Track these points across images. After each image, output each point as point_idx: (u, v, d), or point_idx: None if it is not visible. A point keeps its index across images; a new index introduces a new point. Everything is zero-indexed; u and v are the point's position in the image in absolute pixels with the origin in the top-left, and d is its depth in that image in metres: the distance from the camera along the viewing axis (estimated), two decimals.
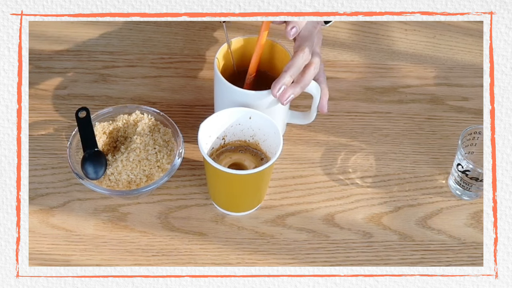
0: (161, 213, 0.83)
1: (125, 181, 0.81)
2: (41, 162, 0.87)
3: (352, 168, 0.89)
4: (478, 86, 0.99)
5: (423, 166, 0.89)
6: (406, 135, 0.93)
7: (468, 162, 0.81)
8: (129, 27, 1.04)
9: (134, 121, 0.87)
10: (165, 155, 0.83)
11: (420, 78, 1.00)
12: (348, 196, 0.86)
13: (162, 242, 0.81)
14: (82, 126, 0.84)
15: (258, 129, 0.81)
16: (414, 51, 1.04)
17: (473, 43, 1.05)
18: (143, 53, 1.01)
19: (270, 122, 0.79)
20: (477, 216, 0.85)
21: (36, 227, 0.81)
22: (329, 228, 0.83)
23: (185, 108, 0.94)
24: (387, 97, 0.97)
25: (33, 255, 0.78)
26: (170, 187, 0.85)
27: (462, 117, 0.95)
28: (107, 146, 0.85)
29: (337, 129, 0.93)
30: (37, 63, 0.98)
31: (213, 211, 0.84)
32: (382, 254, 0.81)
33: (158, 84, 0.97)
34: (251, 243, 0.81)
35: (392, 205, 0.85)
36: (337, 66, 1.01)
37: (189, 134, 0.89)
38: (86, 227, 0.81)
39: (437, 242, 0.82)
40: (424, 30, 1.07)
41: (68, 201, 0.83)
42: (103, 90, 0.96)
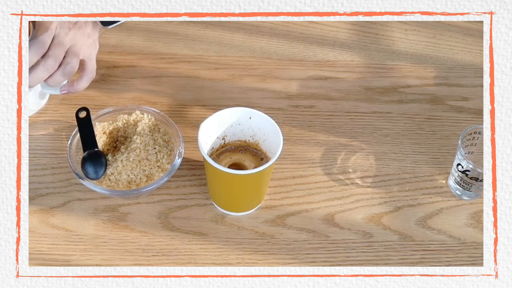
0: (161, 213, 0.83)
1: (125, 181, 0.81)
2: (41, 162, 0.87)
3: (352, 168, 0.89)
4: (478, 86, 0.99)
5: (423, 166, 0.89)
6: (406, 135, 0.93)
7: (468, 162, 0.81)
8: (129, 27, 1.04)
9: (134, 121, 0.87)
10: (165, 155, 0.83)
11: (420, 78, 1.00)
12: (348, 196, 0.86)
13: (162, 242, 0.81)
14: (82, 126, 0.84)
15: (258, 129, 0.81)
16: (414, 51, 1.04)
17: (473, 43, 1.05)
18: (143, 53, 1.01)
19: (270, 122, 0.79)
20: (477, 216, 0.85)
21: (36, 227, 0.81)
22: (329, 228, 0.83)
23: (185, 108, 0.94)
24: (387, 97, 0.97)
25: (33, 255, 0.78)
26: (170, 187, 0.85)
27: (462, 117, 0.95)
28: (107, 146, 0.85)
29: (337, 129, 0.93)
30: None
31: (213, 211, 0.84)
32: (382, 254, 0.81)
33: (158, 84, 0.97)
34: (251, 243, 0.81)
35: (392, 205, 0.85)
36: (337, 66, 1.01)
37: (189, 134, 0.89)
38: (86, 227, 0.81)
39: (437, 242, 0.82)
40: (424, 30, 1.07)
41: (68, 201, 0.83)
42: (103, 90, 0.96)
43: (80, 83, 0.87)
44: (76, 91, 0.88)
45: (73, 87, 0.87)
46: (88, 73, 0.88)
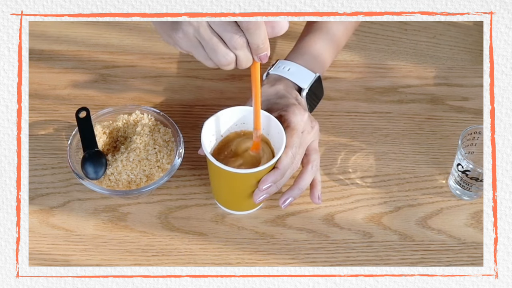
0: (161, 213, 0.83)
1: (125, 181, 0.81)
2: (41, 162, 0.87)
3: (352, 168, 0.89)
4: (478, 86, 0.99)
5: (423, 166, 0.89)
6: (406, 135, 0.93)
7: (468, 162, 0.81)
8: (129, 27, 1.04)
9: (134, 121, 0.87)
10: (165, 155, 0.83)
11: (420, 78, 1.00)
12: (348, 196, 0.86)
13: (162, 242, 0.81)
14: (82, 126, 0.84)
15: (262, 128, 0.81)
16: (414, 51, 1.04)
17: (473, 43, 1.05)
18: (143, 53, 1.01)
19: (274, 122, 0.78)
20: (477, 216, 0.85)
21: (36, 227, 0.81)
22: (329, 228, 0.83)
23: (185, 108, 0.94)
24: (387, 97, 0.97)
25: (33, 255, 0.78)
26: (170, 187, 0.85)
27: (462, 117, 0.95)
28: (107, 146, 0.85)
29: (337, 129, 0.93)
30: (37, 63, 0.98)
31: (213, 211, 0.84)
32: (382, 254, 0.81)
33: (158, 84, 0.97)
34: (251, 243, 0.81)
35: (392, 205, 0.85)
36: (337, 66, 1.01)
37: (189, 134, 0.89)
38: (86, 227, 0.81)
39: (437, 242, 0.82)
40: (424, 30, 1.07)
41: (68, 201, 0.84)
42: (103, 90, 0.96)
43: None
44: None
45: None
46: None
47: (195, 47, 0.68)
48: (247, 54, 0.67)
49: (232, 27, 0.64)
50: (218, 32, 0.65)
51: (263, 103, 0.82)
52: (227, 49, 0.66)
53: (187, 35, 0.66)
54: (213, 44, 0.66)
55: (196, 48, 0.68)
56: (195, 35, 0.66)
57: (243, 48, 0.66)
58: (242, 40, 0.65)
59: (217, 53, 0.66)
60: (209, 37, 0.66)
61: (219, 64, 0.68)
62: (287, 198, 0.79)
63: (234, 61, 0.68)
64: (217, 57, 0.67)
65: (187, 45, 0.68)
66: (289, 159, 0.76)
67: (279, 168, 0.76)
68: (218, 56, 0.67)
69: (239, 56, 0.67)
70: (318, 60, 0.89)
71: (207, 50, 0.67)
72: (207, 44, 0.66)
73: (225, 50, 0.66)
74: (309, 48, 0.89)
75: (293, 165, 0.78)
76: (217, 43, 0.66)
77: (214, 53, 0.67)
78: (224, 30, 0.65)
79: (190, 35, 0.66)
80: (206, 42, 0.66)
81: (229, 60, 0.67)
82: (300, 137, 0.78)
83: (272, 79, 0.85)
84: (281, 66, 0.86)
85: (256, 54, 0.67)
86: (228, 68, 0.68)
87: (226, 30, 0.65)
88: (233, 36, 0.65)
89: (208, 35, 0.66)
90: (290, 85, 0.84)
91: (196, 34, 0.66)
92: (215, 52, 0.66)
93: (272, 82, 0.85)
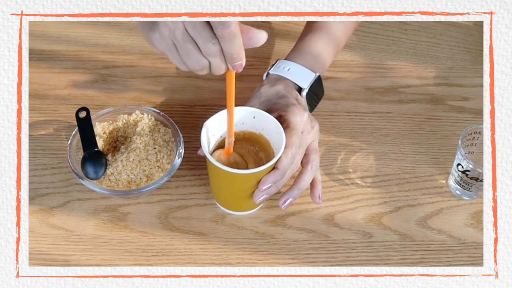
0: (161, 213, 0.83)
1: (125, 181, 0.81)
2: (41, 162, 0.87)
3: (352, 168, 0.89)
4: (478, 86, 0.99)
5: (423, 166, 0.89)
6: (406, 135, 0.93)
7: (468, 162, 0.81)
8: (129, 27, 1.04)
9: (134, 121, 0.87)
10: (165, 155, 0.83)
11: (420, 78, 1.00)
12: (348, 196, 0.86)
13: (162, 242, 0.81)
14: (82, 126, 0.84)
15: (262, 128, 0.81)
16: (414, 51, 1.04)
17: (473, 43, 1.05)
18: (143, 53, 1.01)
19: (274, 122, 0.78)
20: (477, 216, 0.85)
21: (36, 227, 0.81)
22: (329, 228, 0.83)
23: (185, 108, 0.94)
24: (387, 97, 0.97)
25: (33, 255, 0.78)
26: (170, 187, 0.85)
27: (462, 117, 0.95)
28: (107, 146, 0.85)
29: (337, 129, 0.93)
30: (37, 63, 0.98)
31: (213, 211, 0.84)
32: (382, 254, 0.81)
33: (158, 84, 0.97)
34: (251, 243, 0.81)
35: (392, 205, 0.85)
36: (337, 66, 1.01)
37: (189, 134, 0.89)
38: (86, 227, 0.81)
39: (437, 242, 0.82)
40: (424, 30, 1.07)
41: (68, 201, 0.84)
42: (103, 90, 0.96)
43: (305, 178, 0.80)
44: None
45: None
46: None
47: (170, 50, 0.67)
48: (221, 62, 0.66)
49: (207, 33, 0.63)
50: (193, 37, 0.64)
51: (263, 103, 0.82)
52: (201, 55, 0.65)
53: (163, 36, 0.66)
54: (187, 49, 0.65)
55: (171, 50, 0.67)
56: (171, 37, 0.65)
57: (217, 56, 0.65)
58: (216, 48, 0.64)
59: (190, 58, 0.66)
60: (183, 41, 0.65)
61: (192, 69, 0.67)
62: (287, 198, 0.79)
63: (207, 67, 0.67)
64: (190, 62, 0.66)
65: (163, 46, 0.67)
66: (289, 159, 0.76)
67: (279, 168, 0.76)
68: (191, 61, 0.66)
69: (212, 63, 0.66)
70: (318, 60, 0.89)
71: (181, 54, 0.66)
72: (181, 48, 0.65)
73: (198, 56, 0.65)
74: (309, 48, 0.89)
75: (293, 165, 0.78)
76: (191, 48, 0.65)
77: (187, 57, 0.66)
78: (199, 35, 0.64)
79: (165, 36, 0.65)
80: (181, 46, 0.65)
81: (202, 66, 0.66)
82: (300, 137, 0.78)
83: (272, 79, 0.85)
84: (281, 66, 0.86)
85: (230, 63, 0.66)
86: (201, 73, 0.68)
87: (201, 35, 0.64)
88: (207, 43, 0.64)
89: (183, 39, 0.65)
90: (290, 85, 0.84)
91: (171, 36, 0.65)
92: (189, 56, 0.66)
93: (272, 82, 0.85)
